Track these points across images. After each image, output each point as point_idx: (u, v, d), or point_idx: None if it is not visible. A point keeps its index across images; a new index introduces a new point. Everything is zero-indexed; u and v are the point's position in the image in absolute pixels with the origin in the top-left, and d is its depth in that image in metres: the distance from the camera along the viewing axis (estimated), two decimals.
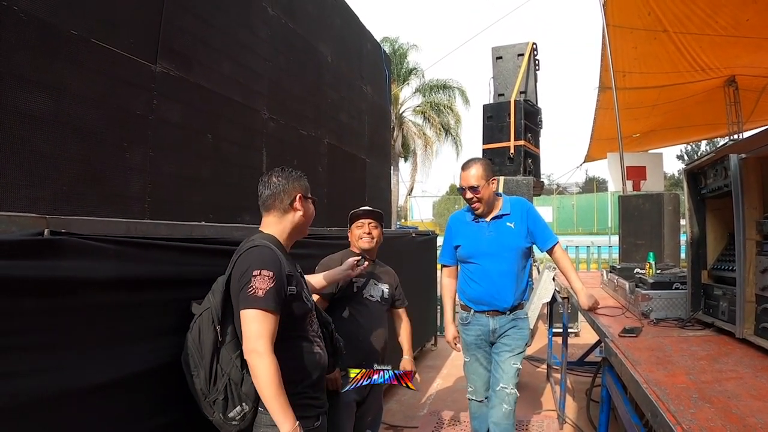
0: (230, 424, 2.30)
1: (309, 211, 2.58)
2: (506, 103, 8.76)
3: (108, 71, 2.91)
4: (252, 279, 2.21)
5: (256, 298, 2.18)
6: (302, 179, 2.58)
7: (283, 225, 2.52)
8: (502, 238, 3.78)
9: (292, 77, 4.76)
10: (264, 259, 2.28)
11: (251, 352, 2.16)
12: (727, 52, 9.60)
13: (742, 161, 2.81)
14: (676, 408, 1.91)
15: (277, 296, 2.23)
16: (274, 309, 2.22)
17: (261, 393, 2.17)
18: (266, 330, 2.19)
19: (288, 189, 2.51)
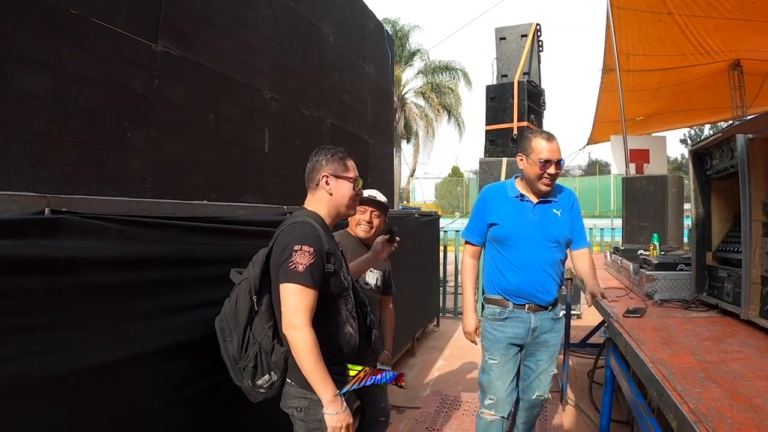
0: (258, 391, 2.38)
1: (338, 190, 2.52)
2: (509, 84, 8.71)
3: (108, 51, 2.88)
4: (293, 254, 2.22)
5: (296, 273, 2.20)
6: (334, 159, 2.55)
7: (318, 203, 2.54)
8: (547, 225, 3.33)
9: (294, 57, 4.72)
10: (305, 235, 2.30)
11: (289, 326, 2.19)
12: (732, 36, 9.49)
13: (749, 141, 2.78)
14: (682, 387, 1.90)
15: (316, 272, 2.25)
16: (312, 284, 2.23)
17: (301, 365, 2.20)
18: (305, 304, 2.21)
19: (317, 168, 2.53)
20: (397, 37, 29.41)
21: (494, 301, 3.40)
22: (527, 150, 3.29)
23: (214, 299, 2.76)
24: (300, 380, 2.31)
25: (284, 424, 2.47)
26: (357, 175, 2.58)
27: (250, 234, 3.06)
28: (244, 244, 2.99)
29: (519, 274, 3.29)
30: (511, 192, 3.42)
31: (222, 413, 2.84)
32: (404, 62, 30.91)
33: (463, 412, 5.13)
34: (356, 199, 2.60)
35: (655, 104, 13.63)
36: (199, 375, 2.67)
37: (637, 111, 13.63)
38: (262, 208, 3.52)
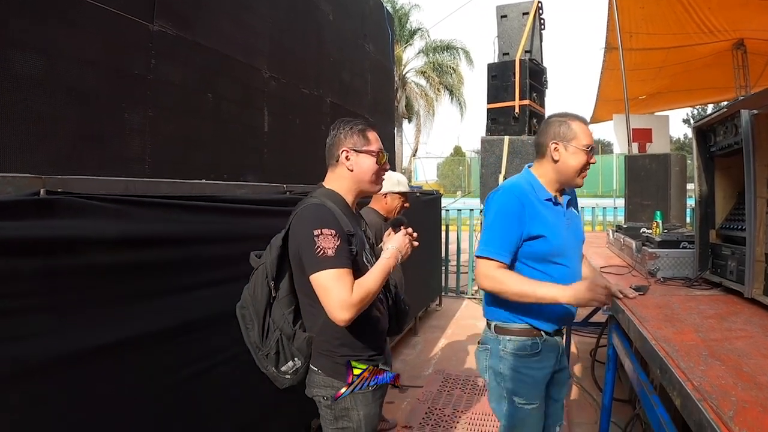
0: (283, 377, 2.31)
1: (360, 165, 2.36)
2: (511, 62, 8.65)
3: (104, 31, 2.85)
4: (316, 240, 2.10)
5: (326, 259, 2.09)
6: (354, 132, 2.39)
7: (339, 180, 2.39)
8: (578, 230, 2.88)
9: (293, 35, 4.68)
10: (320, 218, 2.17)
11: (342, 313, 2.08)
12: (735, 15, 9.41)
13: (754, 117, 2.74)
14: (685, 365, 1.88)
15: (344, 252, 2.14)
16: (346, 265, 2.13)
17: (373, 294, 2.17)
18: (347, 286, 2.09)
19: (336, 142, 2.38)
20: (397, 16, 29.27)
21: (520, 332, 2.69)
22: (568, 136, 2.71)
23: (214, 279, 2.77)
24: (327, 368, 2.29)
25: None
26: (380, 147, 2.43)
27: (249, 213, 3.05)
28: (244, 223, 2.98)
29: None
30: (541, 193, 2.74)
31: (223, 393, 2.85)
32: (405, 41, 30.78)
33: (466, 391, 5.15)
34: (380, 173, 2.44)
35: (658, 83, 13.56)
36: (200, 354, 2.68)
37: (639, 90, 13.56)
38: (261, 186, 3.51)
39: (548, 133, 2.76)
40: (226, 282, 2.85)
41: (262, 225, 3.10)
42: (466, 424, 4.51)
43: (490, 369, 2.76)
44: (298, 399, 2.45)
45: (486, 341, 2.80)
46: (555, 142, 2.71)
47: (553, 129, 2.74)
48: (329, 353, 2.28)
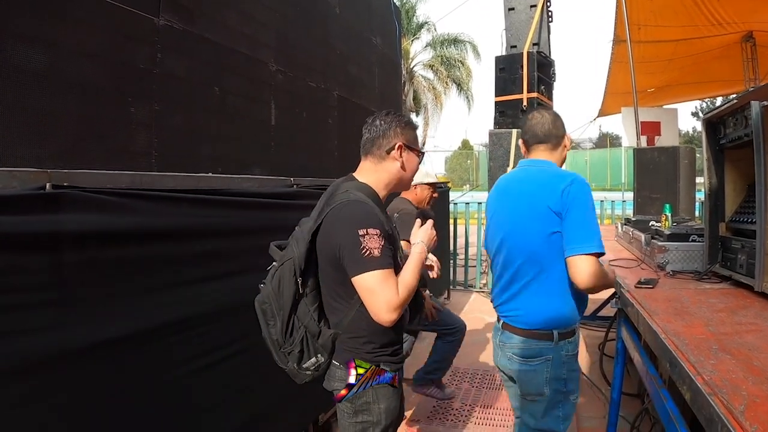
0: (304, 373, 2.26)
1: (410, 164, 2.34)
2: (519, 54, 8.61)
3: (109, 25, 2.84)
4: (362, 240, 2.04)
5: (373, 259, 2.04)
6: (409, 127, 2.35)
7: (378, 174, 2.31)
8: None
9: (299, 29, 4.66)
10: (366, 216, 2.11)
11: (387, 322, 2.07)
12: (744, 7, 9.34)
13: (765, 108, 2.71)
14: (695, 359, 1.87)
15: (387, 252, 2.10)
16: (390, 264, 2.09)
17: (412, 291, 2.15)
18: (393, 289, 2.06)
19: (389, 134, 2.29)
20: (404, 9, 29.21)
21: (575, 331, 2.64)
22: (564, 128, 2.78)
23: (221, 272, 2.77)
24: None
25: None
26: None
27: (257, 206, 3.04)
28: (251, 217, 2.98)
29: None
30: None
31: (231, 387, 2.85)
32: (412, 34, 30.72)
33: (474, 385, 5.14)
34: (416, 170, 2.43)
35: (666, 76, 13.48)
36: (207, 348, 2.68)
37: (648, 82, 13.49)
38: (268, 180, 3.50)
39: (562, 125, 2.76)
40: (233, 275, 2.85)
41: (269, 218, 3.10)
42: (475, 418, 4.50)
43: (552, 380, 2.55)
44: (306, 393, 2.44)
45: (543, 353, 2.53)
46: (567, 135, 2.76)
47: (559, 123, 2.75)
48: (354, 350, 2.24)
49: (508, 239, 2.58)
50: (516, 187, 2.65)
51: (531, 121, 2.77)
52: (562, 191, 2.42)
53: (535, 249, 2.47)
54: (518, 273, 2.53)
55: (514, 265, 2.54)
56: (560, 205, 2.41)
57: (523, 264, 2.51)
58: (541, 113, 2.77)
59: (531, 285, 2.51)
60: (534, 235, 2.46)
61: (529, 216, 2.49)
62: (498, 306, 2.70)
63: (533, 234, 2.47)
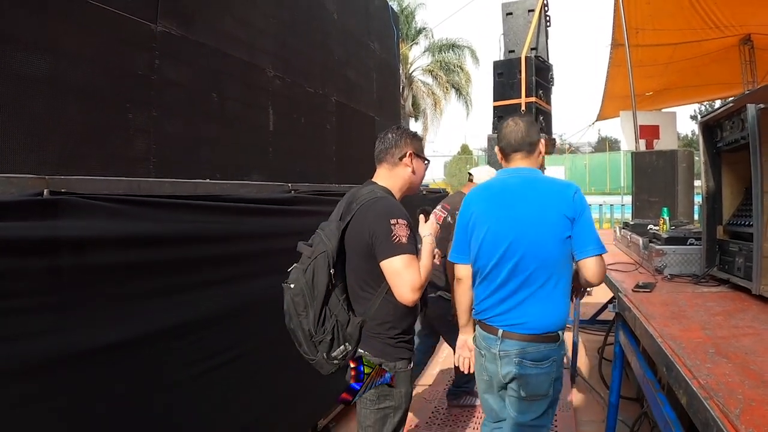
0: (332, 363, 2.44)
1: (419, 169, 2.67)
2: (517, 59, 8.60)
3: (107, 32, 2.85)
4: (392, 228, 2.33)
5: (401, 245, 2.32)
6: (416, 138, 2.68)
7: (393, 179, 2.63)
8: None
9: (297, 34, 4.67)
10: (395, 209, 2.42)
11: (410, 301, 2.34)
12: (742, 10, 9.35)
13: (761, 111, 2.72)
14: (692, 362, 1.87)
15: (413, 241, 2.40)
16: (415, 252, 2.39)
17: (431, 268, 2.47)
18: (416, 272, 2.33)
19: (400, 144, 2.62)
20: (403, 14, 29.26)
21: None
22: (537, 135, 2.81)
23: (219, 278, 2.77)
24: (375, 350, 2.47)
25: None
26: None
27: (254, 212, 3.04)
28: (250, 222, 2.98)
29: None
30: None
31: (230, 392, 2.85)
32: (411, 40, 30.77)
33: (471, 392, 5.13)
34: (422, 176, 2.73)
35: (665, 79, 13.49)
36: (205, 353, 2.68)
37: (646, 86, 13.52)
38: (266, 186, 3.51)
39: (536, 132, 2.81)
40: (231, 281, 2.85)
41: (267, 224, 3.10)
42: (473, 424, 4.50)
43: (555, 380, 2.60)
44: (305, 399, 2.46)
45: (550, 355, 2.55)
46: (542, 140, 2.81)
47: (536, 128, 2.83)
48: (378, 335, 2.47)
49: (518, 246, 2.53)
50: (521, 195, 2.61)
51: (505, 130, 2.81)
52: (573, 198, 2.51)
53: (550, 255, 2.50)
54: (529, 279, 2.52)
55: (525, 272, 2.52)
56: (573, 211, 2.49)
57: (536, 270, 2.51)
58: (515, 121, 2.79)
59: (540, 290, 2.52)
60: (549, 241, 2.50)
61: (543, 222, 2.51)
62: (497, 315, 2.61)
63: (549, 240, 2.50)
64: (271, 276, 3.14)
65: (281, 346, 3.28)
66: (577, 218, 2.49)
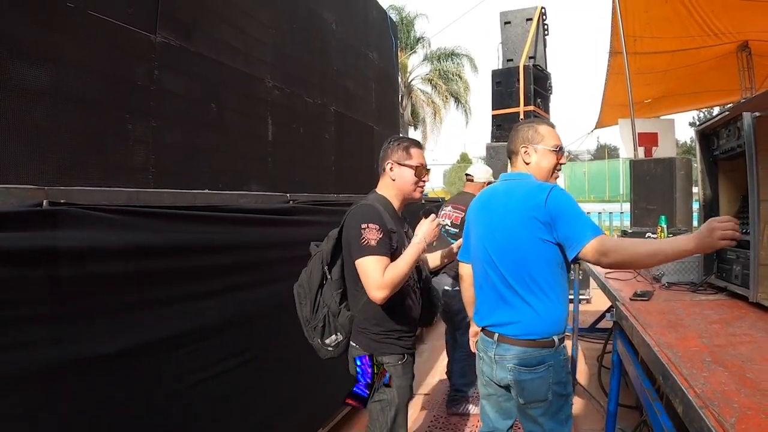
0: (326, 348, 2.72)
1: (401, 176, 2.77)
2: (515, 68, 8.67)
3: (107, 43, 2.86)
4: (362, 232, 2.50)
5: (369, 247, 2.48)
6: (399, 147, 2.79)
7: (385, 188, 2.82)
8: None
9: (296, 45, 4.68)
10: (367, 214, 2.58)
11: (377, 290, 2.45)
12: (739, 17, 9.39)
13: (756, 120, 2.74)
14: (688, 371, 1.88)
15: (385, 244, 2.53)
16: (385, 253, 2.51)
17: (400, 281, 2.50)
18: (380, 271, 2.46)
19: (384, 156, 2.81)
20: (402, 24, 29.34)
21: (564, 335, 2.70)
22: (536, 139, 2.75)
23: (218, 288, 2.77)
24: (362, 344, 2.68)
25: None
26: (421, 163, 2.80)
27: (253, 222, 3.05)
28: (248, 233, 2.99)
29: None
30: None
31: (231, 401, 2.85)
32: (410, 49, 30.83)
33: (470, 399, 5.13)
34: (419, 184, 2.82)
35: (663, 87, 13.53)
36: (206, 363, 2.69)
37: (645, 94, 13.56)
38: (264, 196, 3.52)
39: (521, 137, 2.80)
40: (231, 291, 2.86)
41: (266, 234, 3.11)
42: (473, 429, 4.49)
43: (554, 385, 2.56)
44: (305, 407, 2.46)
45: (545, 360, 2.54)
46: (526, 146, 2.76)
47: (522, 134, 2.80)
48: (365, 330, 2.68)
49: (499, 252, 2.61)
50: (499, 201, 2.69)
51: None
52: (545, 200, 2.47)
53: (527, 260, 2.52)
54: (516, 285, 2.55)
55: (510, 277, 2.56)
56: (546, 214, 2.45)
57: (519, 276, 2.54)
58: (515, 128, 2.88)
59: (528, 295, 2.52)
60: (523, 246, 2.52)
61: (518, 228, 2.53)
62: (490, 321, 2.67)
63: (522, 245, 2.52)
64: (271, 285, 3.16)
65: (283, 353, 3.29)
66: (554, 219, 2.45)
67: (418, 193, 2.84)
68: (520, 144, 2.77)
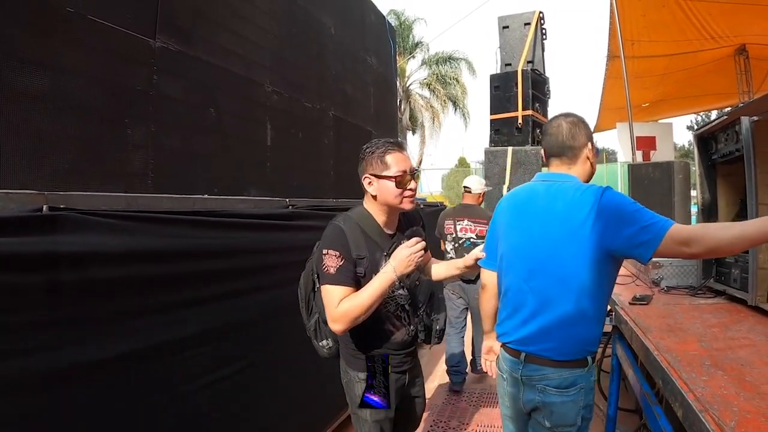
0: (322, 349, 2.72)
1: (382, 190, 2.44)
2: (513, 72, 8.68)
3: (106, 48, 2.87)
4: (323, 258, 2.37)
5: (327, 275, 2.35)
6: (373, 158, 2.45)
7: (369, 202, 2.56)
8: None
9: (294, 49, 4.69)
10: (331, 239, 2.42)
11: (332, 322, 2.35)
12: (737, 20, 9.42)
13: (754, 124, 2.75)
14: (688, 375, 1.88)
15: (345, 271, 2.36)
16: (344, 282, 2.35)
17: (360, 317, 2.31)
18: (334, 303, 2.32)
19: (359, 170, 2.53)
20: (401, 28, 29.39)
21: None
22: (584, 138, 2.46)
23: (217, 294, 2.77)
24: (343, 356, 2.65)
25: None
26: (402, 169, 2.42)
27: (252, 227, 3.05)
28: (247, 238, 2.99)
29: None
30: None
31: (230, 406, 2.85)
32: (408, 53, 30.88)
33: (471, 404, 5.13)
34: (405, 194, 2.45)
35: (661, 90, 13.57)
36: (205, 368, 2.68)
37: (643, 97, 13.60)
38: (262, 201, 3.52)
39: (583, 134, 2.44)
40: (229, 296, 2.86)
41: (265, 239, 3.11)
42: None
43: (584, 408, 2.31)
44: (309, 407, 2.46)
45: (577, 381, 2.28)
46: (589, 146, 2.44)
47: (583, 130, 2.45)
48: (343, 343, 2.64)
49: (539, 262, 2.32)
50: (541, 206, 2.38)
51: (548, 131, 2.49)
52: (599, 203, 2.21)
53: (574, 273, 2.22)
54: (552, 300, 2.28)
55: (547, 290, 2.29)
56: (602, 219, 2.18)
57: (559, 291, 2.26)
58: (558, 122, 2.47)
59: (566, 313, 2.24)
60: (573, 258, 2.22)
61: (563, 238, 2.25)
62: (519, 338, 2.39)
63: (572, 257, 2.22)
64: (271, 290, 3.15)
65: (284, 358, 3.29)
66: (613, 222, 2.17)
67: (407, 203, 2.48)
68: (583, 141, 2.43)
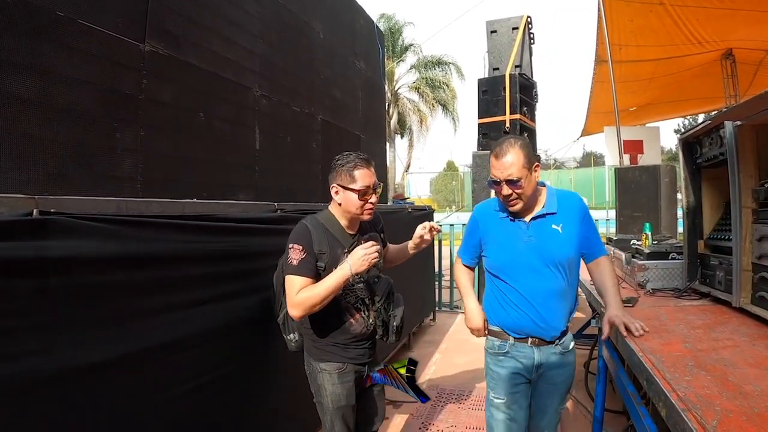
0: (290, 343, 3.02)
1: (346, 200, 2.80)
2: (501, 77, 8.70)
3: (96, 52, 2.87)
4: (289, 251, 2.71)
5: (290, 266, 2.68)
6: (342, 171, 2.79)
7: (334, 207, 2.90)
8: (546, 247, 2.73)
9: (283, 54, 4.71)
10: (296, 234, 2.77)
11: (291, 308, 2.68)
12: (723, 25, 9.51)
13: (738, 128, 2.79)
14: (671, 375, 1.91)
15: (306, 264, 2.69)
16: (302, 273, 2.67)
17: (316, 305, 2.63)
18: (294, 291, 2.65)
19: (330, 179, 2.84)
20: (390, 32, 29.42)
21: (494, 333, 2.91)
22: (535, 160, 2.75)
23: (206, 297, 2.77)
24: (307, 350, 2.93)
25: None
26: (367, 184, 2.78)
27: (241, 231, 3.05)
28: (236, 242, 2.99)
29: (519, 311, 2.76)
30: (501, 213, 2.88)
31: (215, 411, 2.85)
32: (397, 57, 30.91)
33: (460, 406, 5.14)
34: (365, 206, 2.82)
35: (648, 94, 13.66)
36: (195, 373, 2.68)
37: (630, 101, 13.67)
38: (251, 205, 3.52)
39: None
40: (218, 300, 2.86)
41: (254, 243, 3.12)
42: None
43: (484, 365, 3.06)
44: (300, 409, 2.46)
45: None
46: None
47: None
48: (306, 335, 2.92)
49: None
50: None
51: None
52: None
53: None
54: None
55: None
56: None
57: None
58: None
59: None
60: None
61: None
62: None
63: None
64: (260, 294, 3.16)
65: (274, 360, 3.29)
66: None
67: (366, 214, 2.86)
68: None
